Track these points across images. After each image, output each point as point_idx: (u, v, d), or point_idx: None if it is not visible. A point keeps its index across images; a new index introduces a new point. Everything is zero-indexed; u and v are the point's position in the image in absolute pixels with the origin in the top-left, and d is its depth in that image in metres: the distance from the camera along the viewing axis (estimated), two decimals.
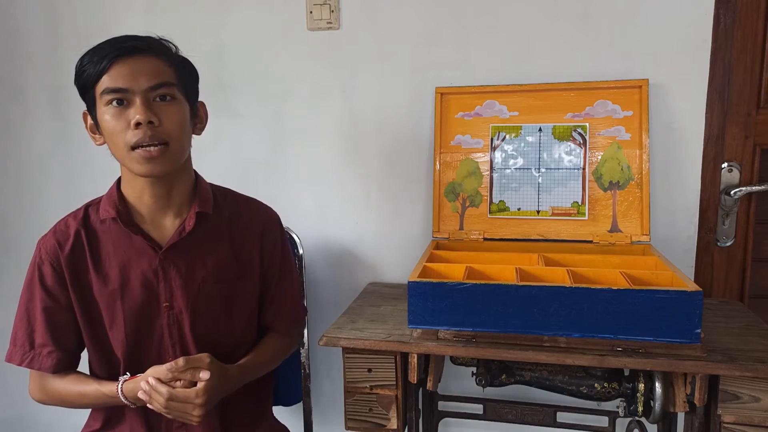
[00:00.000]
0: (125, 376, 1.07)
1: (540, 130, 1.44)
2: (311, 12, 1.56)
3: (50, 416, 1.92)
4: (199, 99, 1.13)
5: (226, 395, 1.08)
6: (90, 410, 1.18)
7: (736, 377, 1.05)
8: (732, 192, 1.42)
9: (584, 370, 1.26)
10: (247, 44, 1.63)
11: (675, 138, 1.42)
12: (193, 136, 1.11)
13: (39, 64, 1.77)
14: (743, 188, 1.42)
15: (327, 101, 1.60)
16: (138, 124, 0.99)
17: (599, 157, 1.41)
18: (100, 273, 1.08)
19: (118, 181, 1.12)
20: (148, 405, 1.02)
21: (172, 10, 1.65)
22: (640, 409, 1.19)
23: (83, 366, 1.15)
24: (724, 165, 1.44)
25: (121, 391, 1.05)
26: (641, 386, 1.18)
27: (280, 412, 1.38)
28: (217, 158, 1.65)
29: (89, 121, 1.07)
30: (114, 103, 1.00)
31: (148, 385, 1.00)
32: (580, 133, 1.41)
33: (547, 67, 1.46)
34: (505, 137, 1.45)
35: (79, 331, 1.11)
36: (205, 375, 1.00)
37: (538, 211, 1.43)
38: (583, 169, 1.41)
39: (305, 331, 1.48)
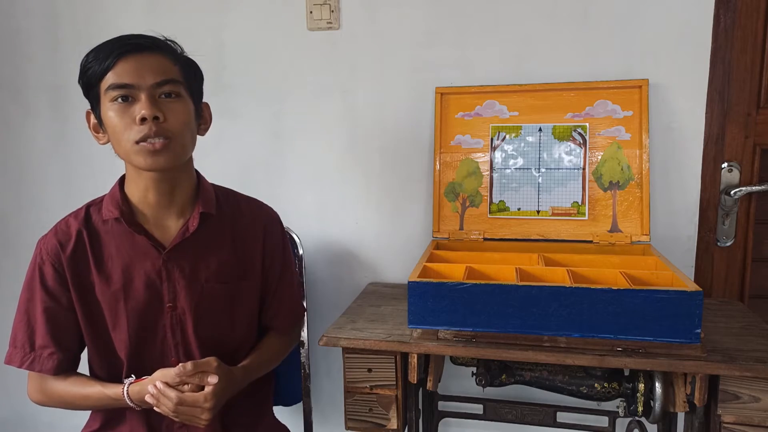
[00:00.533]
0: (130, 379, 1.07)
1: (540, 130, 1.44)
2: (311, 12, 1.56)
3: (50, 417, 1.92)
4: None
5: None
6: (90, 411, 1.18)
7: (736, 377, 1.05)
8: (732, 192, 1.42)
9: (584, 370, 1.26)
10: (247, 44, 1.63)
11: (675, 138, 1.42)
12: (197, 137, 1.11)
13: (39, 64, 1.77)
14: (743, 188, 1.42)
15: (327, 101, 1.60)
16: (143, 120, 0.98)
17: (599, 157, 1.41)
18: (103, 273, 1.08)
19: (121, 182, 1.11)
20: (155, 408, 1.02)
21: (172, 10, 1.65)
22: (640, 409, 1.19)
23: (81, 366, 1.15)
24: (724, 165, 1.44)
25: (127, 393, 1.05)
26: (641, 386, 1.18)
27: (280, 412, 1.38)
28: (217, 158, 1.65)
29: (92, 120, 1.06)
30: (119, 99, 0.99)
31: (156, 389, 1.00)
32: (580, 133, 1.41)
33: (547, 67, 1.46)
34: (505, 137, 1.45)
35: (80, 332, 1.10)
36: (213, 379, 1.00)
37: (538, 211, 1.43)
38: (583, 169, 1.41)
39: (305, 332, 1.48)
